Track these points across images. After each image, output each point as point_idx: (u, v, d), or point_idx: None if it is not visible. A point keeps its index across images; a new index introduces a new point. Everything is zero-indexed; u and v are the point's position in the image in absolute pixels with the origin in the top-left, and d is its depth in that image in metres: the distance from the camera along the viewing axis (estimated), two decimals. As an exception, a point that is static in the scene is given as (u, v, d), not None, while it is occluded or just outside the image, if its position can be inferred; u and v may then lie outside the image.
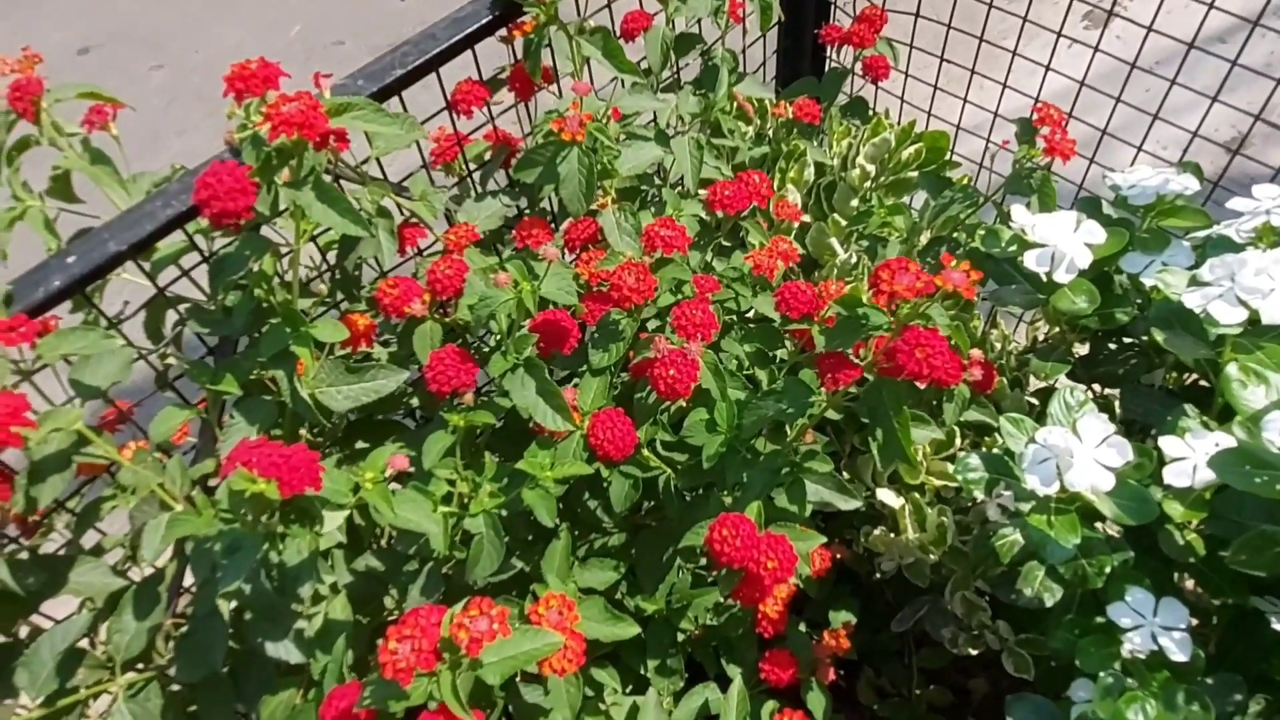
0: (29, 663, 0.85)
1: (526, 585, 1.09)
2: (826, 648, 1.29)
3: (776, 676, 1.23)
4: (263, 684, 1.05)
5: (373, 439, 1.11)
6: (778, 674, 1.23)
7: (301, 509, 0.73)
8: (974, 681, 1.95)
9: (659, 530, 1.21)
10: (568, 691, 0.89)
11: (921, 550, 1.15)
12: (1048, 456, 0.94)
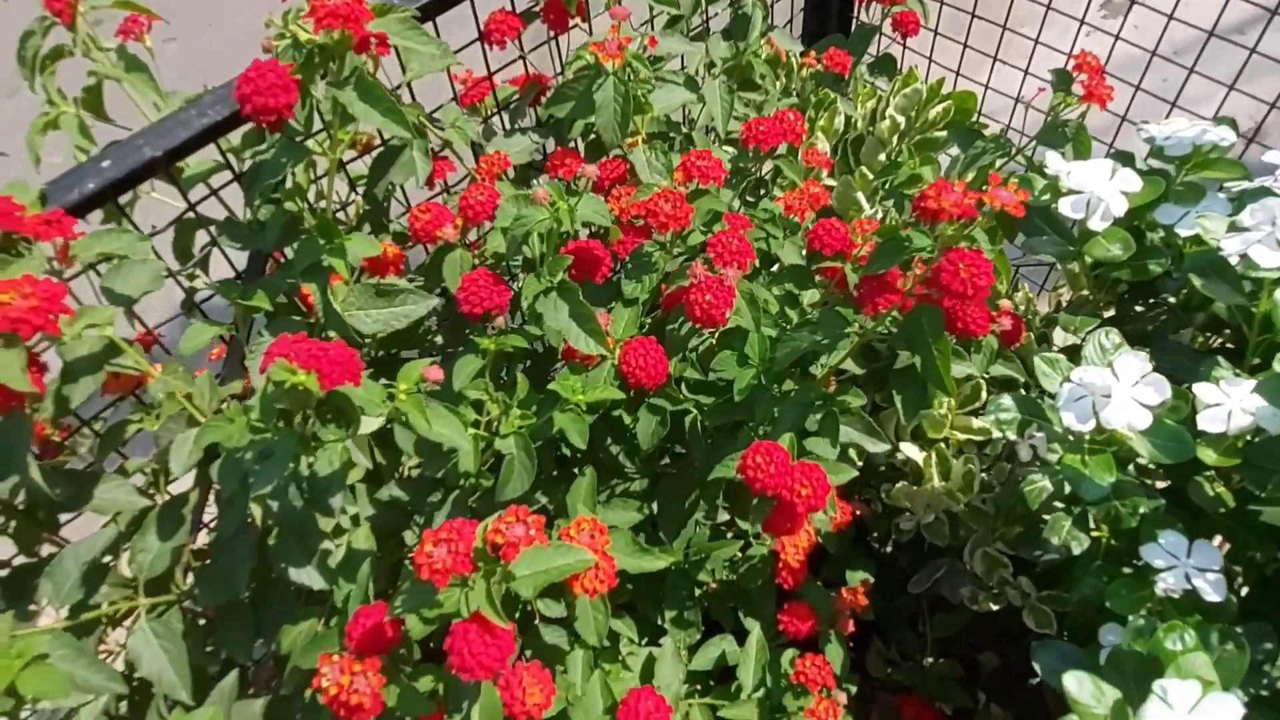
0: (53, 573, 0.84)
1: (551, 523, 1.08)
2: (845, 602, 1.28)
3: (795, 628, 1.22)
4: (283, 613, 1.05)
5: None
6: (796, 625, 1.22)
7: (338, 408, 0.72)
8: (984, 655, 1.94)
9: (681, 478, 1.20)
10: (595, 619, 0.88)
11: (948, 497, 1.14)
12: (1083, 395, 0.93)
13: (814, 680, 1.10)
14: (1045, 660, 1.04)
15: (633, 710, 0.87)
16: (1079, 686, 0.79)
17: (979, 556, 1.32)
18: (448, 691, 0.82)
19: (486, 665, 0.72)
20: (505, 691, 0.85)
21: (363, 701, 0.81)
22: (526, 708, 0.85)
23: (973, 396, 1.26)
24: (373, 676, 0.82)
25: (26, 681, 0.74)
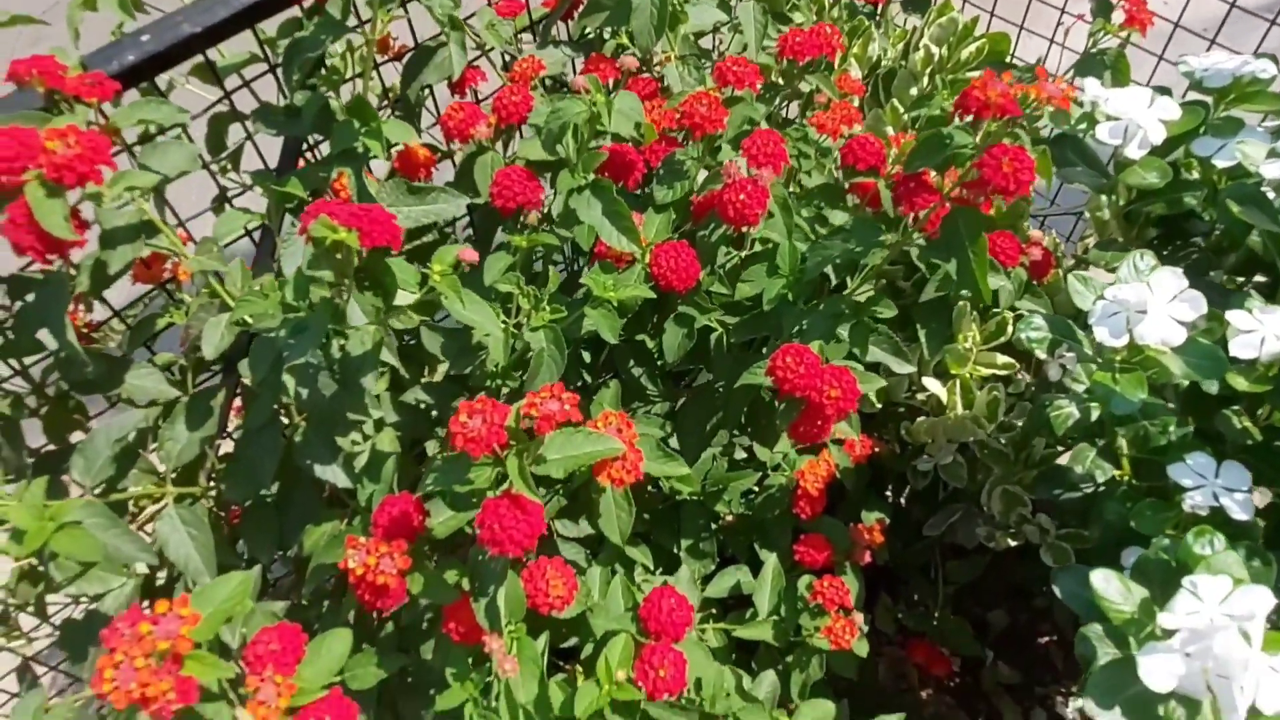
0: (85, 450, 0.84)
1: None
2: (861, 536, 1.28)
3: (811, 558, 1.22)
4: (307, 515, 1.05)
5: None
6: (812, 556, 1.22)
7: (375, 276, 0.72)
8: (993, 614, 1.95)
9: (702, 401, 1.20)
10: (618, 516, 0.89)
11: (972, 423, 1.13)
12: (1117, 311, 0.93)
13: (831, 600, 1.10)
14: (1065, 584, 1.03)
15: (656, 605, 0.87)
16: (1106, 583, 0.78)
17: (997, 495, 1.32)
18: (474, 577, 0.83)
19: (517, 540, 0.73)
20: (529, 583, 0.86)
21: (388, 582, 0.82)
22: (549, 598, 0.85)
23: (997, 332, 1.25)
24: (399, 558, 0.82)
25: (59, 543, 0.74)
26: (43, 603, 1.03)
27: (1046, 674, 1.88)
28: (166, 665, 0.66)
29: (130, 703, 0.63)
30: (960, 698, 1.83)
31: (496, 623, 0.81)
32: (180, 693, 0.66)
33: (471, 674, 0.85)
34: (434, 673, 1.09)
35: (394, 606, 0.87)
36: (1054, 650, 1.90)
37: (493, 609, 0.81)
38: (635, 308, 0.93)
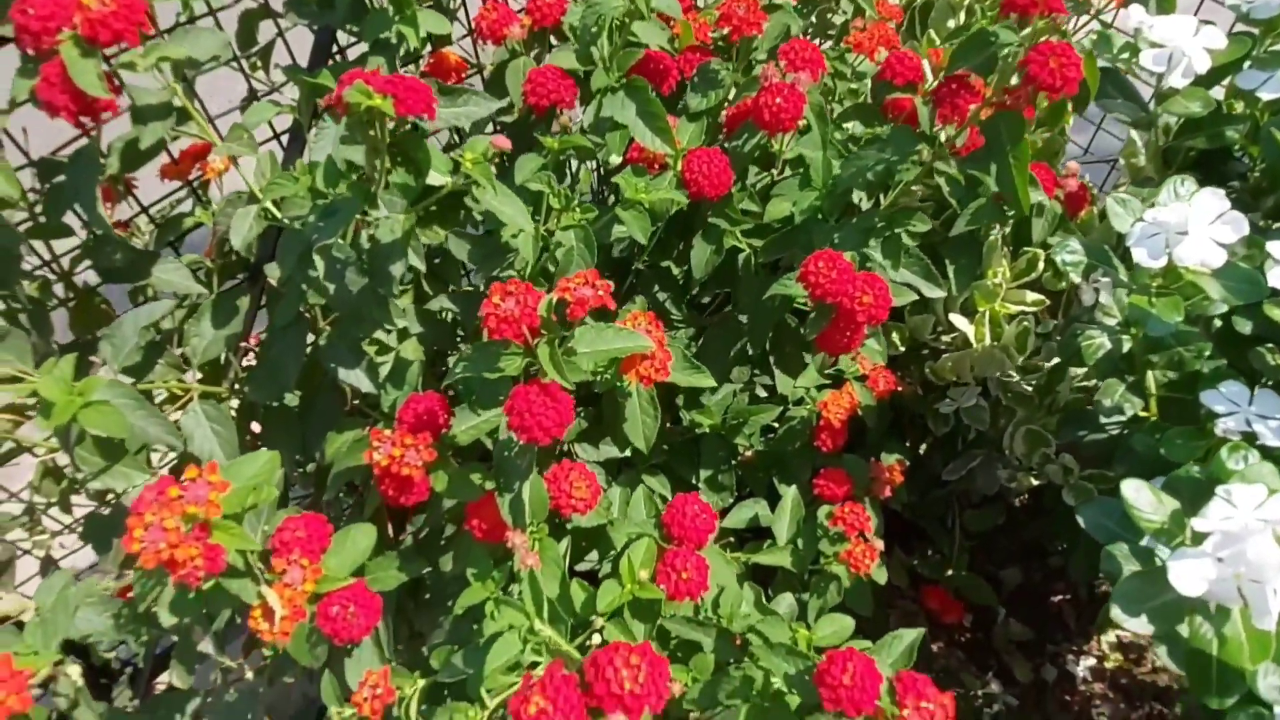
0: (112, 336, 0.84)
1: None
2: (881, 471, 1.27)
3: (831, 492, 1.21)
4: (329, 422, 1.05)
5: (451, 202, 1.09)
6: (832, 489, 1.21)
7: (407, 152, 0.71)
8: (1007, 572, 1.94)
9: (726, 327, 1.19)
10: (644, 421, 0.88)
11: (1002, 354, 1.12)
12: (1156, 232, 0.91)
13: (852, 525, 1.10)
14: (1090, 515, 1.02)
15: (679, 511, 0.86)
16: (1137, 494, 0.77)
17: (1020, 436, 1.31)
18: (499, 473, 0.82)
19: (546, 428, 0.72)
20: (552, 484, 0.86)
21: (413, 474, 0.82)
22: (573, 499, 0.85)
23: (1028, 269, 1.24)
24: (424, 450, 0.82)
25: (87, 418, 0.74)
26: (67, 499, 1.04)
27: (1058, 632, 1.87)
28: (195, 533, 0.66)
29: (159, 563, 0.63)
30: (971, 652, 1.83)
31: (520, 518, 0.81)
32: (208, 559, 0.66)
33: (493, 573, 0.85)
34: (450, 586, 1.10)
35: (417, 503, 0.87)
36: (1067, 609, 1.89)
37: (517, 504, 0.81)
38: (666, 214, 0.92)
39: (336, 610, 0.78)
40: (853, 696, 0.74)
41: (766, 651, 0.84)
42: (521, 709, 0.57)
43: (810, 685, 0.82)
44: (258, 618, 0.74)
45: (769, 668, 0.83)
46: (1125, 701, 1.79)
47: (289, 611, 0.73)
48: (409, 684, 0.84)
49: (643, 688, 0.57)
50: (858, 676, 0.75)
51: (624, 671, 0.57)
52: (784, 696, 0.85)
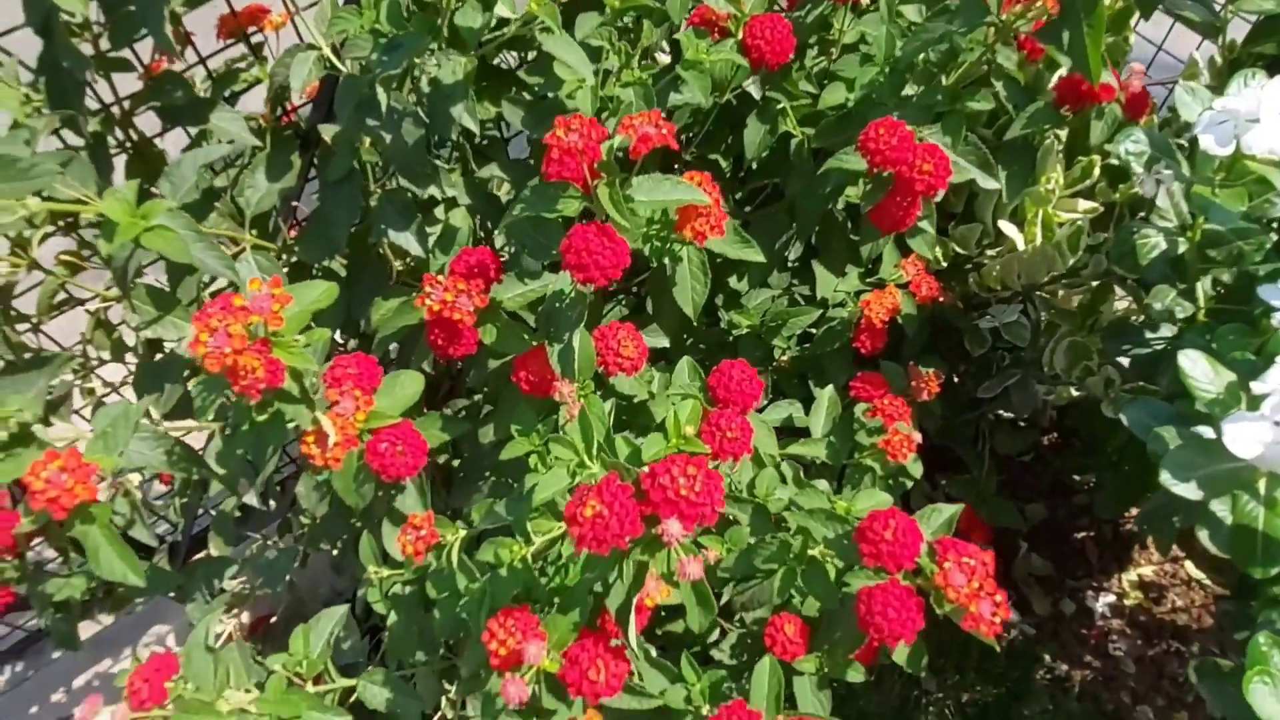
0: (171, 174, 0.85)
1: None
2: (918, 375, 1.26)
3: (867, 394, 1.21)
4: (375, 290, 1.06)
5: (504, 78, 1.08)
6: (869, 391, 1.21)
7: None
8: (1031, 507, 1.94)
9: (774, 218, 1.18)
10: (693, 286, 0.88)
11: (1055, 252, 1.11)
12: (1225, 120, 0.89)
13: (890, 415, 1.10)
14: (1134, 414, 1.02)
15: (725, 374, 0.87)
16: (1193, 364, 0.77)
17: (1062, 349, 1.29)
18: (549, 323, 0.83)
19: (603, 268, 0.72)
20: (600, 342, 0.86)
21: (464, 320, 0.82)
22: (620, 358, 0.85)
23: (1082, 176, 1.22)
24: (476, 296, 0.82)
25: (150, 239, 0.75)
26: (119, 349, 1.06)
27: (1079, 568, 1.88)
28: (256, 347, 0.67)
29: (222, 366, 0.64)
30: (990, 582, 1.84)
31: (569, 368, 0.82)
32: (269, 372, 0.67)
33: (538, 426, 0.86)
34: (488, 458, 1.11)
35: (465, 355, 0.88)
36: (1090, 545, 1.89)
37: (567, 354, 0.81)
38: (725, 83, 0.91)
39: (385, 447, 0.79)
40: (894, 551, 0.75)
41: (805, 516, 0.85)
42: (577, 512, 0.58)
43: (849, 547, 0.83)
44: (310, 443, 0.75)
45: (808, 528, 0.84)
46: (1143, 638, 1.80)
47: (341, 438, 0.75)
48: (451, 532, 0.86)
49: (698, 495, 0.58)
50: (899, 532, 0.75)
51: (681, 479, 0.58)
52: (820, 561, 0.86)
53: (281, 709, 0.81)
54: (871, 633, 0.75)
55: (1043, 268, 1.16)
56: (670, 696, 0.88)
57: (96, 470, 0.68)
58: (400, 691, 0.91)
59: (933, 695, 1.66)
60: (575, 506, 0.58)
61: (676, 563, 0.59)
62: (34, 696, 1.69)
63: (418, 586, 1.05)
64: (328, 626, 0.91)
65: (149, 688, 0.73)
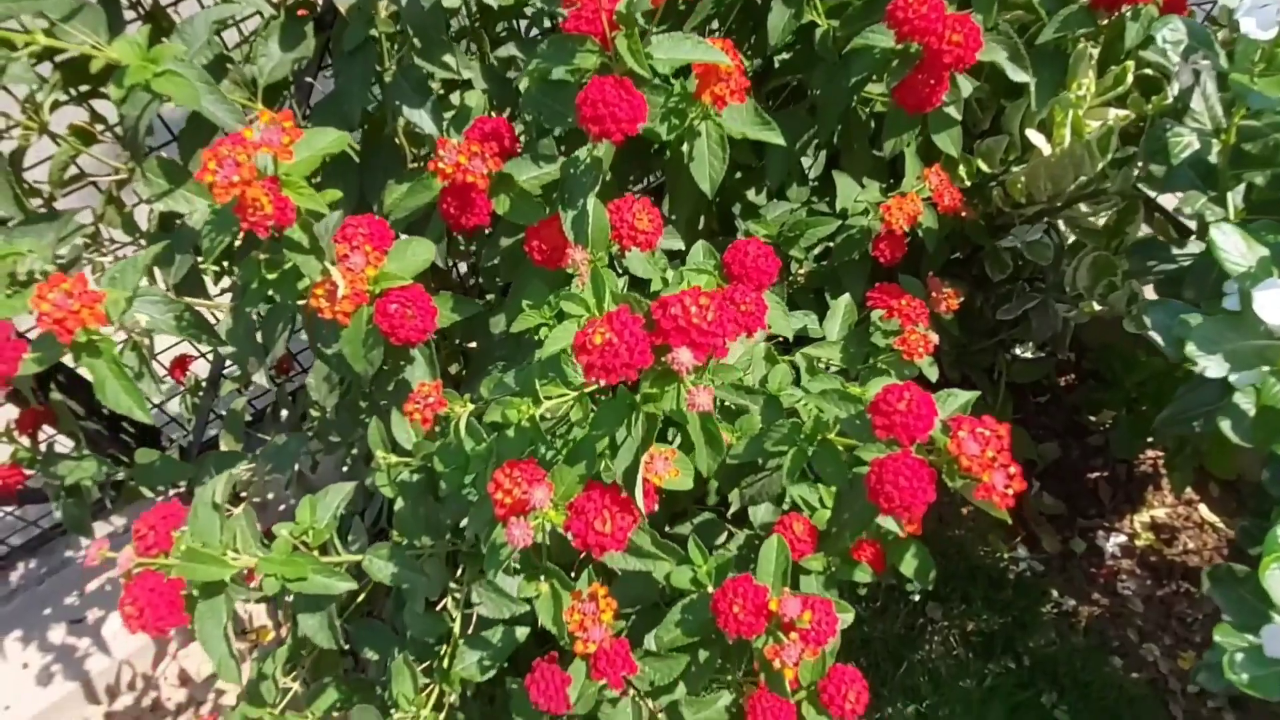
0: (184, 30, 0.83)
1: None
2: (938, 287, 1.24)
3: (884, 303, 1.19)
4: (388, 174, 1.04)
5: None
6: (886, 301, 1.19)
7: None
8: (1045, 445, 1.92)
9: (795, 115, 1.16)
10: (710, 163, 0.86)
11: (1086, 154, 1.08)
12: (1268, 3, 0.86)
13: (909, 315, 1.08)
14: (1158, 316, 1.00)
15: (741, 250, 0.85)
16: (1225, 237, 0.75)
17: (1086, 265, 1.27)
18: (564, 189, 0.81)
19: (619, 121, 0.70)
20: (615, 214, 0.84)
21: (478, 184, 0.81)
22: (635, 231, 0.84)
23: (1115, 84, 1.18)
24: (490, 159, 0.81)
25: (160, 84, 0.74)
26: (130, 222, 1.05)
27: (1091, 508, 1.86)
28: (266, 183, 0.66)
29: (230, 195, 0.63)
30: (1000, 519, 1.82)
31: (583, 234, 0.80)
32: (277, 209, 0.66)
33: (549, 298, 0.85)
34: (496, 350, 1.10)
35: (477, 226, 0.86)
36: (1103, 485, 1.88)
37: (581, 219, 0.80)
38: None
39: (395, 308, 0.78)
40: (907, 423, 0.74)
41: (818, 398, 0.84)
42: (586, 340, 0.57)
43: (862, 426, 0.82)
44: (319, 296, 0.74)
45: (821, 408, 0.82)
46: (1152, 579, 1.79)
47: (350, 292, 0.74)
48: (459, 404, 0.85)
49: (710, 325, 0.57)
50: (913, 404, 0.74)
51: (693, 308, 0.57)
52: (831, 442, 0.85)
53: (287, 569, 0.81)
54: (882, 503, 0.73)
55: (1070, 172, 1.13)
56: (676, 578, 0.87)
57: (104, 298, 0.67)
58: (406, 565, 0.91)
59: (938, 623, 1.66)
60: (585, 336, 0.57)
61: (685, 395, 0.58)
62: (48, 599, 1.71)
63: (424, 474, 1.05)
64: (335, 499, 0.91)
65: (155, 534, 0.73)
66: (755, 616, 0.76)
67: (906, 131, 1.04)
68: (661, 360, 0.59)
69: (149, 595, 0.70)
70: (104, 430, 1.39)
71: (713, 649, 0.88)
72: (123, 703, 1.68)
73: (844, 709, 0.90)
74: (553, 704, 0.81)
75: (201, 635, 0.77)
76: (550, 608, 0.79)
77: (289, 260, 0.80)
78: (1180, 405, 0.98)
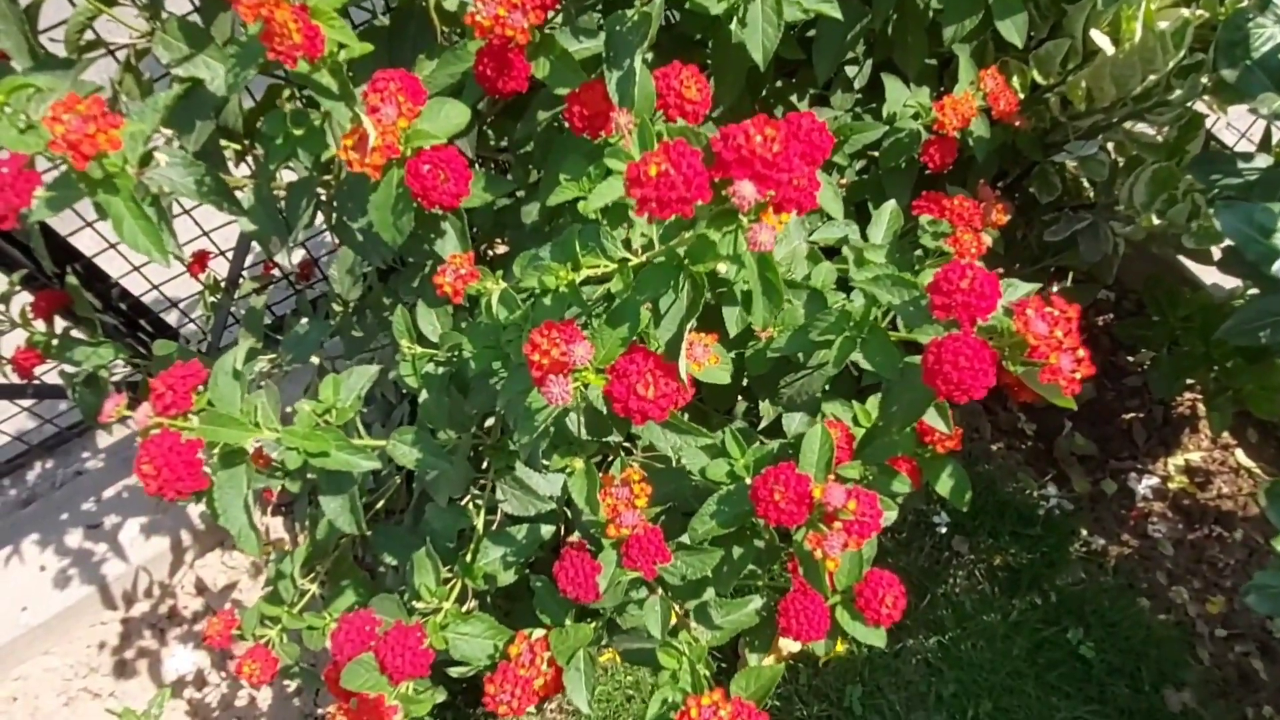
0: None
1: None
2: (988, 194, 1.18)
3: (930, 210, 1.14)
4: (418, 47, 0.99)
5: None
6: (931, 208, 1.14)
7: None
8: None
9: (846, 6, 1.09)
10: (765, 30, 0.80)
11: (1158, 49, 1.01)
12: None
13: (960, 215, 1.03)
14: (1228, 219, 0.95)
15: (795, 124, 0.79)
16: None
17: (1144, 180, 1.21)
18: (608, 47, 0.76)
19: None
20: (661, 81, 0.79)
21: (516, 37, 0.76)
22: (682, 100, 0.79)
23: (1188, -16, 1.11)
24: (531, 12, 0.76)
25: None
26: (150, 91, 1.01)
27: (1124, 450, 1.82)
28: (294, 9, 0.61)
29: (257, 15, 0.58)
30: (1030, 458, 1.79)
31: (628, 96, 0.75)
32: (306, 39, 0.61)
33: (588, 170, 0.80)
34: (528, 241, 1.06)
35: (514, 91, 0.82)
36: (1137, 427, 1.83)
37: (626, 80, 0.75)
38: None
39: (428, 169, 0.74)
40: (969, 301, 0.69)
41: (870, 282, 0.79)
42: (641, 171, 0.52)
43: (917, 313, 0.77)
44: (349, 147, 0.70)
45: (872, 292, 0.78)
46: (1184, 522, 1.75)
47: (381, 143, 0.69)
48: (491, 280, 0.81)
49: (775, 156, 0.52)
50: (976, 282, 0.69)
51: (758, 137, 0.52)
52: (880, 328, 0.80)
53: (308, 443, 0.78)
54: (939, 384, 0.69)
55: (1140, 70, 1.07)
56: (713, 470, 0.84)
57: (122, 123, 0.63)
58: (431, 451, 0.88)
59: (964, 557, 1.63)
60: (639, 168, 0.53)
61: (744, 235, 0.54)
62: (65, 504, 1.70)
63: (450, 367, 1.01)
64: (359, 381, 0.88)
65: (174, 394, 0.70)
66: (797, 504, 0.73)
67: (969, 17, 0.98)
68: (722, 194, 0.54)
69: (167, 455, 0.67)
70: (120, 325, 1.36)
71: (747, 545, 0.84)
72: (139, 609, 1.68)
73: (879, 613, 0.87)
74: (581, 592, 0.78)
75: (220, 504, 0.75)
76: (583, 485, 0.75)
77: (316, 117, 0.76)
78: (1247, 313, 0.93)
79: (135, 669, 1.65)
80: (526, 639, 0.86)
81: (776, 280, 0.60)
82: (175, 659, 1.64)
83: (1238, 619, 1.62)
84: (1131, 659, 1.50)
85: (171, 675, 1.63)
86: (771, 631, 0.95)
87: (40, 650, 1.65)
